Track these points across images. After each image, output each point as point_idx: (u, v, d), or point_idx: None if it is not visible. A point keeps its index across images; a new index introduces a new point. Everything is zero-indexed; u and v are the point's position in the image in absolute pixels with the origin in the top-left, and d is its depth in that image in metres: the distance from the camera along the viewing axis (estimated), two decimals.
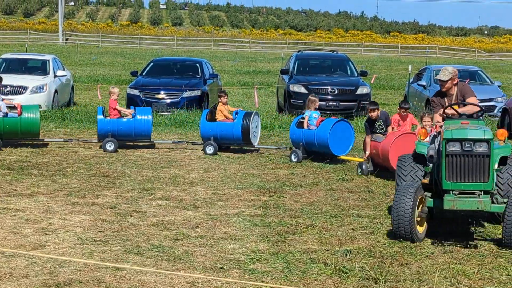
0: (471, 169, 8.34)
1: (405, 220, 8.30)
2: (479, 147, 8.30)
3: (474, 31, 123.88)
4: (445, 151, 8.37)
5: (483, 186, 8.34)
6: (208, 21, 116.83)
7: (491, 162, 8.31)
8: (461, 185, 8.37)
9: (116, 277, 6.95)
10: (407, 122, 13.67)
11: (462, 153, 8.33)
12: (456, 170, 8.36)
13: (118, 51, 65.54)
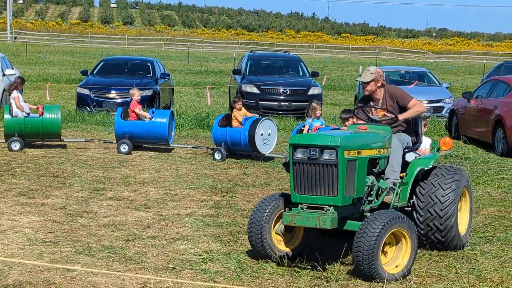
0: (318, 180, 7.25)
1: (256, 235, 7.59)
2: (326, 155, 7.19)
3: (422, 33, 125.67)
4: (292, 158, 7.38)
5: (331, 200, 7.21)
6: (160, 20, 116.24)
7: (339, 173, 7.17)
8: (308, 198, 7.31)
9: (66, 278, 6.89)
10: None
11: (308, 161, 7.25)
12: (303, 180, 7.31)
13: (68, 50, 64.77)
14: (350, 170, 7.33)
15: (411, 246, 7.23)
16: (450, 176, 8.16)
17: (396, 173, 8.01)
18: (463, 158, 15.39)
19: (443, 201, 8.02)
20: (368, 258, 6.87)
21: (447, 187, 8.07)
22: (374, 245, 6.86)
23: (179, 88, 30.62)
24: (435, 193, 8.05)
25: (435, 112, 21.50)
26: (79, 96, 20.92)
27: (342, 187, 7.20)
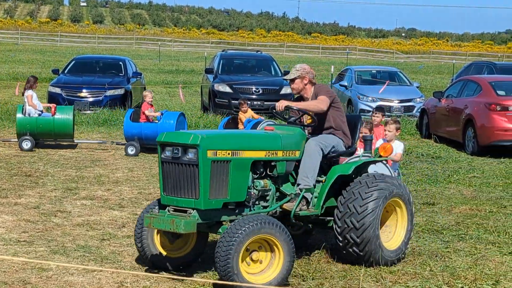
0: (182, 181, 6.81)
1: (136, 240, 7.37)
2: (188, 154, 6.72)
3: (392, 33, 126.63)
4: (160, 158, 6.98)
5: (194, 203, 6.75)
6: (130, 19, 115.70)
7: (201, 174, 6.68)
8: (174, 200, 6.89)
9: (42, 278, 6.85)
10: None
11: (172, 160, 6.83)
12: (169, 181, 6.90)
13: (37, 49, 64.16)
14: (218, 171, 6.81)
15: (284, 256, 6.69)
16: (374, 184, 7.48)
17: (307, 179, 7.43)
18: (434, 157, 15.55)
19: (360, 212, 7.33)
20: (224, 264, 6.42)
21: (366, 196, 7.38)
22: (230, 251, 6.39)
23: (150, 87, 30.47)
24: (353, 203, 7.38)
25: (406, 111, 21.67)
26: (51, 95, 20.76)
27: (204, 190, 6.70)
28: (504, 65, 25.66)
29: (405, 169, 13.91)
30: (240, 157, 6.97)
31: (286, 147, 7.37)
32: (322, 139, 7.68)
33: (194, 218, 6.71)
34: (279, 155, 7.32)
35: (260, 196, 7.29)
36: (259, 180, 7.26)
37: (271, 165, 7.34)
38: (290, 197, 7.45)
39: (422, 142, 18.03)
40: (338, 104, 7.94)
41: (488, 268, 7.63)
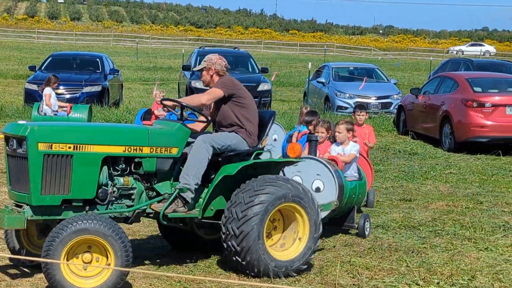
0: (18, 174, 6.50)
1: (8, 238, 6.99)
2: (22, 146, 6.36)
3: (369, 30, 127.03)
4: (6, 150, 6.62)
5: (27, 198, 6.38)
6: (108, 16, 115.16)
7: (30, 168, 6.30)
8: (14, 195, 6.57)
9: (17, 274, 6.78)
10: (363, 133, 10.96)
11: (11, 153, 6.52)
12: (11, 174, 6.61)
13: (14, 45, 63.65)
14: (54, 166, 6.38)
15: (115, 260, 6.29)
16: (260, 188, 6.88)
17: (188, 177, 6.89)
18: (411, 154, 15.62)
19: (241, 218, 6.79)
20: (46, 263, 6.07)
21: (249, 200, 6.81)
22: (49, 251, 6.10)
23: (128, 84, 30.38)
24: (236, 208, 6.84)
25: (383, 108, 21.77)
26: (27, 91, 20.61)
27: (35, 185, 6.30)
28: (480, 62, 25.87)
29: (382, 166, 13.97)
30: (86, 152, 6.51)
31: (156, 143, 6.85)
32: (215, 137, 7.15)
33: (24, 214, 6.31)
34: (145, 152, 6.82)
35: (123, 194, 6.84)
36: (119, 177, 6.80)
37: (135, 162, 6.86)
38: (163, 196, 6.96)
39: (399, 139, 18.11)
40: (243, 100, 7.30)
41: (464, 263, 7.67)
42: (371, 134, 11.03)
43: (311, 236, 7.13)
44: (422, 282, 6.99)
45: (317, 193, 8.28)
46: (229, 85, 7.31)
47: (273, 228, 7.21)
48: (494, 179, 13.04)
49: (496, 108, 15.86)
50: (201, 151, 6.97)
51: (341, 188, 8.46)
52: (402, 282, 7.03)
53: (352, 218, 8.85)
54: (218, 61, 7.47)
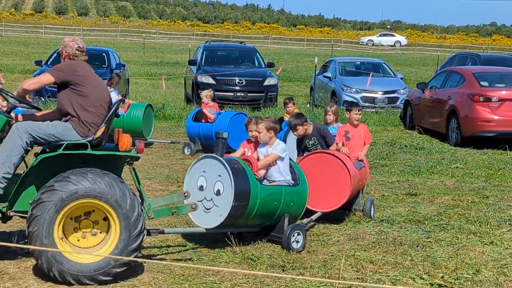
0: None
1: None
2: None
3: (377, 25, 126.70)
4: None
5: None
6: (115, 11, 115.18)
7: None
8: None
9: (20, 268, 6.77)
10: None
11: None
12: None
13: (21, 41, 63.77)
14: None
15: None
16: (49, 185, 6.36)
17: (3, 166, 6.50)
18: (417, 148, 15.56)
19: (30, 216, 6.32)
20: None
21: (35, 198, 6.36)
22: None
23: (134, 79, 30.39)
24: (32, 204, 6.40)
25: (390, 103, 21.70)
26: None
27: None
28: (488, 56, 25.73)
29: (388, 160, 13.93)
30: None
31: None
32: (34, 125, 6.65)
33: None
34: None
35: None
36: None
37: None
38: None
39: (405, 134, 18.05)
40: (82, 88, 6.72)
41: (469, 257, 7.63)
42: (367, 134, 9.90)
43: (122, 235, 6.44)
44: (427, 276, 6.95)
45: (217, 196, 7.55)
46: (64, 70, 6.75)
47: (87, 227, 6.60)
48: (501, 173, 12.98)
49: (503, 102, 15.78)
50: (13, 138, 6.55)
51: (242, 192, 7.50)
52: (407, 276, 7.01)
53: (281, 229, 7.87)
54: (69, 44, 6.94)
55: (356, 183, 9.02)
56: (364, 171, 9.59)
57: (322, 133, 9.40)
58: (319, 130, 9.42)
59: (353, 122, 9.65)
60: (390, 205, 10.11)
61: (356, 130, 9.62)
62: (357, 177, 9.10)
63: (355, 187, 9.07)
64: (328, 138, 9.42)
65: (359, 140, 9.56)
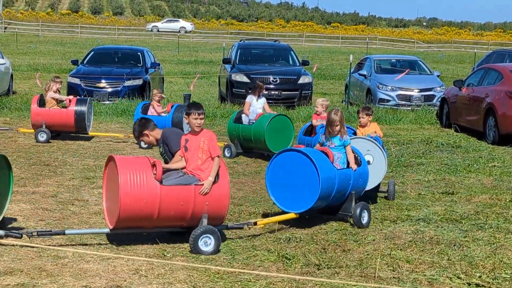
0: None
1: None
2: None
3: (413, 22, 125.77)
4: None
5: None
6: (149, 10, 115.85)
7: None
8: None
9: (58, 265, 6.85)
10: None
11: None
12: None
13: (58, 40, 64.46)
14: None
15: None
16: None
17: None
18: (454, 147, 15.39)
19: None
20: None
21: None
22: None
23: (169, 78, 30.53)
24: None
25: (426, 100, 21.49)
26: (70, 85, 20.81)
27: None
28: None
29: (425, 158, 13.80)
30: None
31: None
32: None
33: None
34: None
35: None
36: None
37: None
38: None
39: (442, 132, 17.88)
40: None
41: (507, 257, 7.53)
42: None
43: None
44: (464, 276, 6.87)
45: None
46: None
47: None
48: None
49: None
50: None
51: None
52: (443, 275, 6.93)
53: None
54: None
55: None
56: None
57: (166, 140, 8.54)
58: (164, 137, 8.58)
59: (193, 128, 7.98)
60: (427, 204, 10.02)
61: (196, 138, 7.95)
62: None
63: None
64: (171, 145, 8.44)
65: (196, 151, 7.90)
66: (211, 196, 7.65)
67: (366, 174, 9.34)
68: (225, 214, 7.82)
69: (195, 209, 7.59)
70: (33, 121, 14.65)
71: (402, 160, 13.56)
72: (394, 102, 21.34)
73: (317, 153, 8.83)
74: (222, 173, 7.81)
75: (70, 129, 14.96)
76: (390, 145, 15.14)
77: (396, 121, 19.11)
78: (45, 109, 14.68)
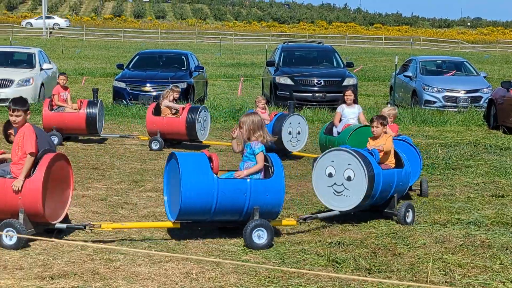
0: None
1: None
2: None
3: (457, 22, 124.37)
4: None
5: None
6: (191, 14, 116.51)
7: None
8: None
9: (110, 268, 6.92)
10: None
11: None
12: None
13: (102, 44, 65.19)
14: None
15: None
16: None
17: None
18: (503, 149, 15.18)
19: None
20: None
21: None
22: None
23: (212, 81, 30.66)
24: None
25: (473, 102, 21.23)
26: (116, 89, 21.05)
27: None
28: None
29: (473, 161, 13.63)
30: None
31: None
32: None
33: None
34: None
35: None
36: None
37: None
38: None
39: (490, 133, 17.65)
40: None
41: None
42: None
43: None
44: None
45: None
46: None
47: None
48: None
49: None
50: None
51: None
52: (496, 280, 6.83)
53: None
54: None
55: None
56: None
57: None
58: None
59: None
60: (477, 207, 9.89)
61: (18, 133, 8.05)
62: None
63: None
64: None
65: (15, 147, 7.98)
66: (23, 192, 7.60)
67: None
68: (39, 210, 7.60)
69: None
70: (148, 129, 14.77)
71: (450, 162, 13.41)
72: (440, 104, 21.13)
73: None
74: (39, 169, 7.70)
75: (182, 137, 14.72)
76: (437, 147, 15.00)
77: (443, 123, 18.92)
78: (159, 117, 14.63)
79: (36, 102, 20.49)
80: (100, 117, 15.07)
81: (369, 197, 8.74)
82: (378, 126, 9.66)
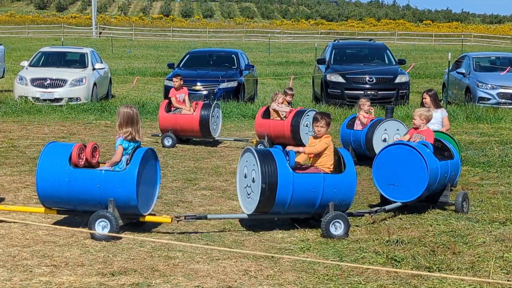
0: None
1: None
2: None
3: (508, 18, 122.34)
4: None
5: None
6: (239, 12, 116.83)
7: None
8: None
9: (169, 265, 6.96)
10: None
11: None
12: None
13: (151, 44, 65.77)
14: None
15: None
16: None
17: None
18: None
19: None
20: None
21: None
22: None
23: (261, 79, 30.67)
24: None
25: None
26: (167, 88, 21.15)
27: None
28: None
29: None
30: None
31: None
32: None
33: None
34: None
35: None
36: None
37: None
38: None
39: None
40: None
41: None
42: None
43: None
44: None
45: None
46: None
47: None
48: None
49: None
50: None
51: None
52: None
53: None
54: None
55: None
56: None
57: None
58: None
59: None
60: None
61: None
62: None
63: None
64: None
65: None
66: None
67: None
68: None
69: None
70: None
71: (507, 160, 13.18)
72: (494, 101, 20.80)
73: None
74: None
75: (287, 141, 13.89)
76: (493, 145, 14.76)
77: (497, 120, 18.61)
78: (267, 120, 14.42)
79: (89, 101, 20.75)
80: (215, 120, 14.92)
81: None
82: (324, 127, 8.59)
